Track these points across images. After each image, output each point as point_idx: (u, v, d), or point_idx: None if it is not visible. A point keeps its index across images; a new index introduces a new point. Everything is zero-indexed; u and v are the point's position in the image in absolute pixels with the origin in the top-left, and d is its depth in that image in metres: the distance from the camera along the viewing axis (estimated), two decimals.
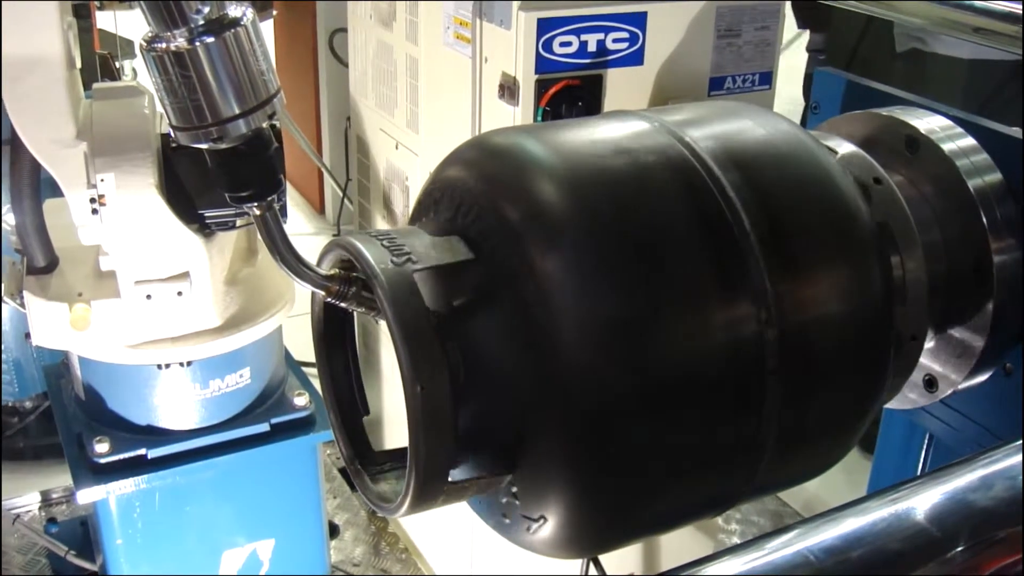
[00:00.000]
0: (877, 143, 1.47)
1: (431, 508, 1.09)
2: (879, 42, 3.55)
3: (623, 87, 2.15)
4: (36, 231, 2.09)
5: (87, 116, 2.00)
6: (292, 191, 5.48)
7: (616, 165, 1.10)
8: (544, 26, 2.05)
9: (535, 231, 1.03)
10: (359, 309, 1.15)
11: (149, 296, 2.08)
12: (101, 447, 2.19)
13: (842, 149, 1.38)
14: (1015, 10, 1.70)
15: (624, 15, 2.11)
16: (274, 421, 2.37)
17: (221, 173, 1.22)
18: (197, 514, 2.36)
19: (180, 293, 2.10)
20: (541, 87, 2.08)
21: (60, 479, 3.29)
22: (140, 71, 4.34)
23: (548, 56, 2.07)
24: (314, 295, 1.19)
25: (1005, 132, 1.45)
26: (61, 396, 2.45)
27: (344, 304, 1.15)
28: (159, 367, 2.20)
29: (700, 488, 1.14)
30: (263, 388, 2.38)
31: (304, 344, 1.47)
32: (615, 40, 2.11)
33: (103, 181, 1.95)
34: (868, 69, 3.49)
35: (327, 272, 1.14)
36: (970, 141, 1.44)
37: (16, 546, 3.14)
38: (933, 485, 0.90)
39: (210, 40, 1.12)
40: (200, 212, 2.06)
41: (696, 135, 1.15)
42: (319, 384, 1.29)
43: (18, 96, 1.87)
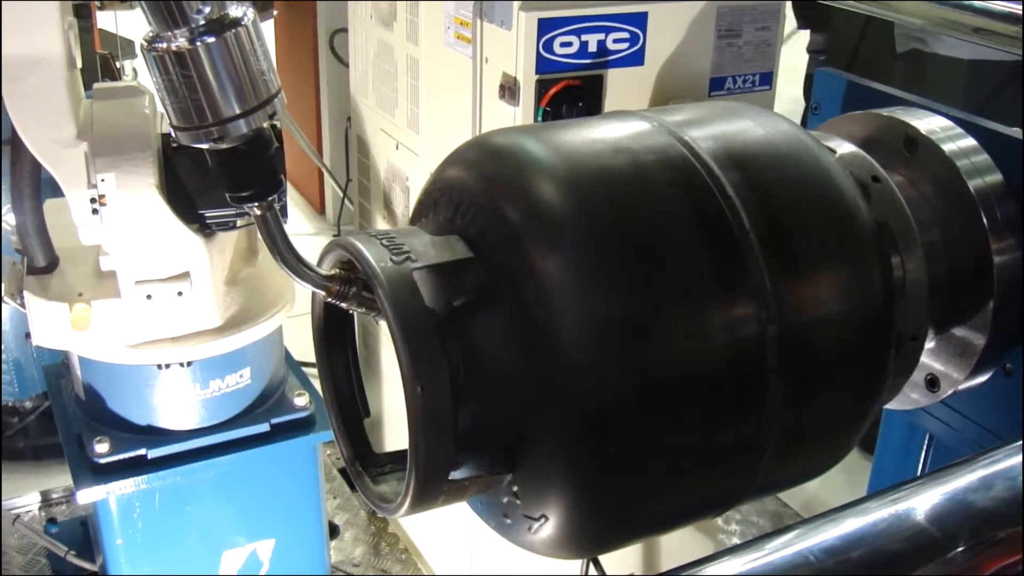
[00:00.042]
0: (877, 143, 1.47)
1: (431, 508, 1.09)
2: (879, 42, 3.55)
3: (624, 87, 2.15)
4: (36, 231, 2.09)
5: (88, 116, 2.00)
6: (292, 191, 5.48)
7: (616, 165, 1.10)
8: (545, 26, 2.05)
9: (535, 231, 1.03)
10: (359, 309, 1.15)
11: (149, 296, 2.08)
12: (101, 447, 2.19)
13: (841, 149, 1.38)
14: (1015, 10, 1.70)
15: (625, 15, 2.11)
16: (274, 421, 2.37)
17: (222, 173, 1.22)
18: (197, 514, 2.36)
19: (180, 293, 2.10)
20: (542, 87, 2.08)
21: (60, 479, 3.29)
22: (141, 71, 4.34)
23: (549, 56, 2.07)
24: (314, 295, 1.19)
25: (1005, 132, 1.45)
26: (61, 396, 2.45)
27: (344, 304, 1.15)
28: (159, 367, 2.20)
29: (700, 488, 1.14)
30: (263, 388, 2.38)
31: (304, 344, 1.47)
32: (616, 40, 2.11)
33: (103, 181, 1.95)
34: (869, 69, 3.49)
35: (327, 272, 1.14)
36: (970, 141, 1.44)
37: (16, 546, 3.14)
38: (933, 485, 0.90)
39: (211, 40, 1.12)
40: (200, 212, 2.06)
41: (696, 135, 1.15)
42: (319, 384, 1.29)
43: (19, 96, 1.87)
